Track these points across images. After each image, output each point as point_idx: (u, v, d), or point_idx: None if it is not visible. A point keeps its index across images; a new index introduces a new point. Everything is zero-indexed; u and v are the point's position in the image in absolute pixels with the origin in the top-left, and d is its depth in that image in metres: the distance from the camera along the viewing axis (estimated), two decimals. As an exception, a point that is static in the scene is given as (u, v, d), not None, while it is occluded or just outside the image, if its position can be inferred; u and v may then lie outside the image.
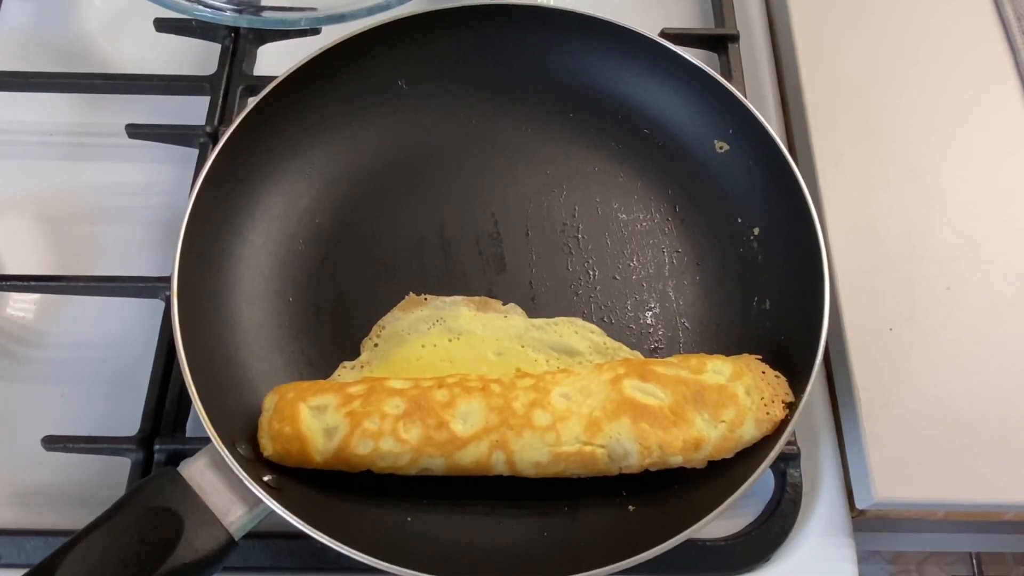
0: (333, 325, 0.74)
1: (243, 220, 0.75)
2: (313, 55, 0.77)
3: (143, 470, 0.68)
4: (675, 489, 0.64)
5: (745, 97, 0.76)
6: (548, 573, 0.59)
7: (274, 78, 0.76)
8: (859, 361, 0.73)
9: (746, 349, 0.69)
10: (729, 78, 0.85)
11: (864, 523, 0.75)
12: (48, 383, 0.76)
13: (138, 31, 0.92)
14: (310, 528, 0.58)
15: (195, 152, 0.83)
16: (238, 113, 0.75)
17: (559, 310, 0.75)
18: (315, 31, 0.88)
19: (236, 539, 0.58)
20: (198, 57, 0.92)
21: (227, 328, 0.70)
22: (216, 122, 0.84)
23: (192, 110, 0.85)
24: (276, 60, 0.89)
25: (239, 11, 0.86)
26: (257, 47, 0.90)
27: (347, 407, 0.63)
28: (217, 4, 0.86)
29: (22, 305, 0.80)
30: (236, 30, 0.89)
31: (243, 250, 0.74)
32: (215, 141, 0.75)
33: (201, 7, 0.85)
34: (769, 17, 0.98)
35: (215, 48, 0.89)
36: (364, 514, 0.64)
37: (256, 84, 0.86)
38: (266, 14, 0.86)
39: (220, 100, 0.85)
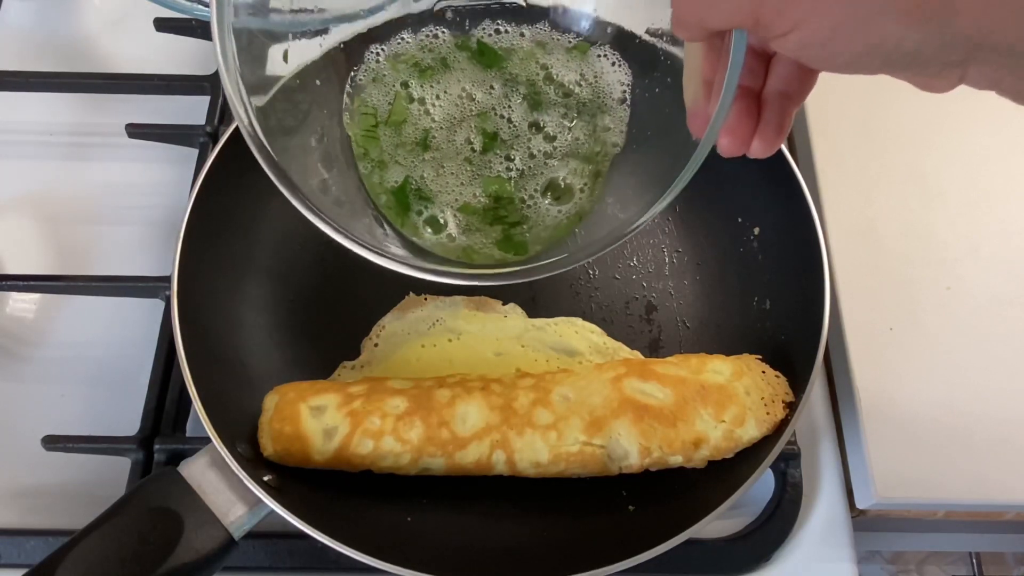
0: (333, 325, 0.74)
1: (243, 220, 0.74)
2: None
3: (143, 470, 0.68)
4: (675, 489, 0.64)
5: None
6: (548, 573, 0.59)
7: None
8: (859, 361, 0.73)
9: (746, 349, 0.69)
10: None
11: (864, 523, 0.75)
12: (48, 383, 0.76)
13: (138, 31, 0.92)
14: (310, 528, 0.58)
15: (195, 152, 0.83)
16: (238, 113, 0.75)
17: (559, 310, 0.75)
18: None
19: (236, 539, 0.58)
20: (198, 57, 0.92)
21: (227, 328, 0.70)
22: (216, 122, 0.84)
23: (192, 110, 0.85)
24: (276, 60, 0.89)
25: (239, 11, 0.86)
26: (257, 47, 0.90)
27: (348, 407, 0.63)
28: (217, 4, 0.86)
29: (22, 305, 0.80)
30: (236, 30, 0.89)
31: (243, 249, 0.74)
32: (215, 141, 0.75)
33: (201, 7, 0.85)
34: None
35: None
36: (364, 514, 0.64)
37: (256, 84, 0.86)
38: (267, 14, 0.86)
39: (220, 100, 0.85)
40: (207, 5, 0.85)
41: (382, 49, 0.62)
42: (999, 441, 0.70)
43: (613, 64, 0.62)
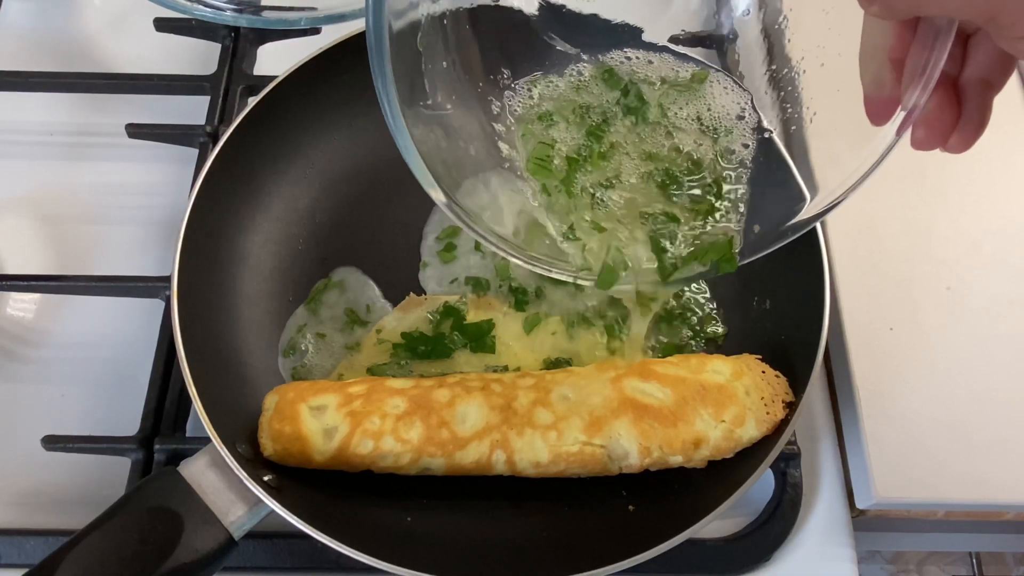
0: (333, 325, 0.74)
1: (243, 220, 0.75)
2: (313, 55, 0.77)
3: (143, 470, 0.68)
4: (675, 489, 0.64)
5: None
6: (548, 573, 0.59)
7: (274, 78, 0.76)
8: (859, 361, 0.73)
9: (746, 349, 0.69)
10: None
11: (864, 523, 0.75)
12: (48, 383, 0.76)
13: (138, 31, 0.92)
14: (310, 528, 0.58)
15: (195, 152, 0.83)
16: (238, 113, 0.75)
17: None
18: (315, 31, 0.88)
19: (236, 539, 0.58)
20: (198, 57, 0.92)
21: (227, 328, 0.70)
22: (216, 122, 0.84)
23: (192, 110, 0.85)
24: (276, 60, 0.89)
25: (239, 11, 0.86)
26: (257, 47, 0.90)
27: (347, 407, 0.63)
28: (217, 4, 0.86)
29: (22, 305, 0.80)
30: (236, 30, 0.89)
31: (243, 250, 0.74)
32: (215, 141, 0.75)
33: (201, 7, 0.85)
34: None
35: (215, 48, 0.89)
36: (364, 514, 0.64)
37: (256, 84, 0.86)
38: (266, 14, 0.87)
39: (220, 100, 0.85)
40: (207, 5, 0.85)
41: (534, 85, 0.68)
42: (999, 441, 0.70)
43: (725, 88, 0.68)
